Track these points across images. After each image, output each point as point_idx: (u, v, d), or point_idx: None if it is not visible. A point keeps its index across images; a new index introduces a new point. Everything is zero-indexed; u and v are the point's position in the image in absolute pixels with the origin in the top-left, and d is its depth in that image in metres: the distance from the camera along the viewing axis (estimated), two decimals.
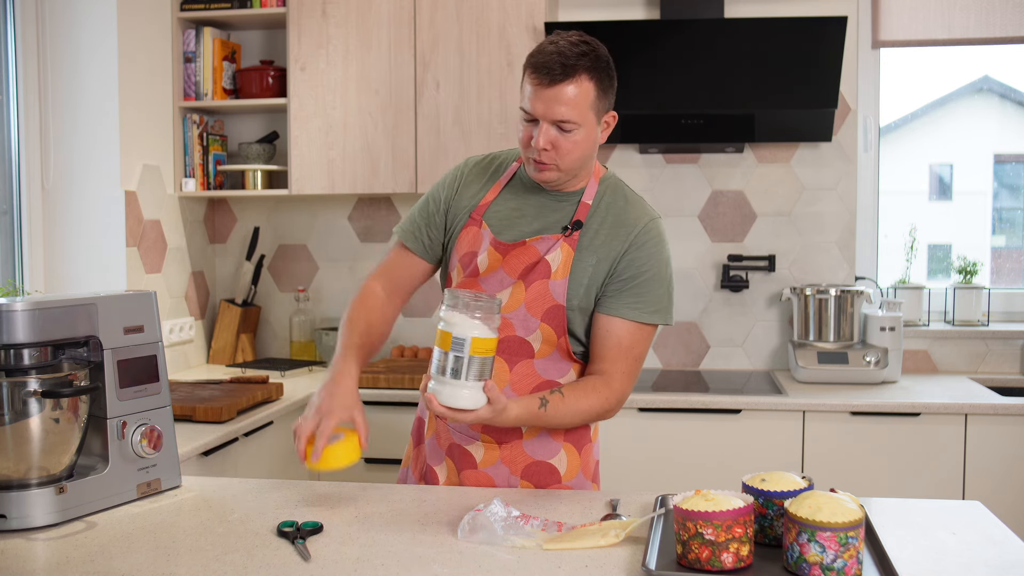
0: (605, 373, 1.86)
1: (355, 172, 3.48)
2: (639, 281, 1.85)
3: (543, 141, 1.78)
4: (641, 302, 1.85)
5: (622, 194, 1.92)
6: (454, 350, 1.60)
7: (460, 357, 1.60)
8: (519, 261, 1.86)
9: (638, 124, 3.43)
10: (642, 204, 1.92)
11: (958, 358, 3.54)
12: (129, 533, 1.60)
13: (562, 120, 1.76)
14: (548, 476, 1.91)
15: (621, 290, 1.85)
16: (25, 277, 3.19)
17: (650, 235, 1.87)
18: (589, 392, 1.84)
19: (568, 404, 1.81)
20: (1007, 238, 3.78)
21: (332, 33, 3.47)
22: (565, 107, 1.75)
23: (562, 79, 1.75)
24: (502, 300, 1.67)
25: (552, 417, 1.80)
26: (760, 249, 3.63)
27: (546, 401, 1.79)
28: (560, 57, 1.75)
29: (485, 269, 1.88)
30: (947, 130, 3.83)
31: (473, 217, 1.92)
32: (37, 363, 1.67)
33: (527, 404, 1.77)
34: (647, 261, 1.86)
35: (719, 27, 3.36)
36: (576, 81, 1.75)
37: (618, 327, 1.86)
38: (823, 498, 1.37)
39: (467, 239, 1.92)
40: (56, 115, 3.20)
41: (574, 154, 1.81)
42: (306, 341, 3.80)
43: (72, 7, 3.17)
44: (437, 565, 1.44)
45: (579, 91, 1.76)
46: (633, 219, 1.88)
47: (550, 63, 1.75)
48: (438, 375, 1.63)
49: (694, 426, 3.08)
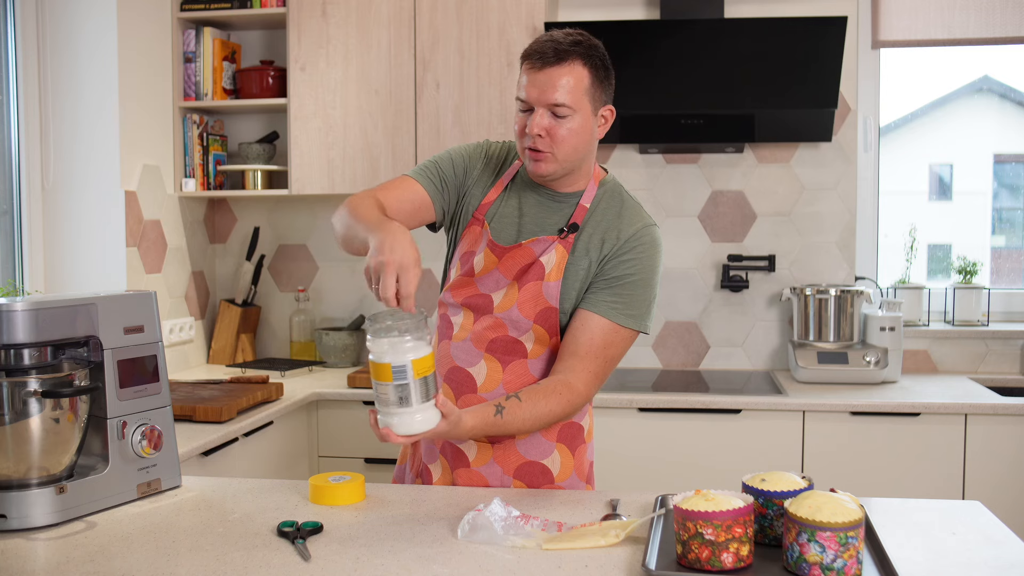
0: (571, 371, 1.81)
1: (355, 172, 3.48)
2: (625, 282, 1.84)
3: (537, 127, 1.77)
4: (622, 303, 1.83)
5: (620, 199, 1.92)
6: (396, 379, 1.51)
7: (405, 384, 1.52)
8: (515, 263, 1.86)
9: (638, 124, 3.43)
10: (639, 210, 1.91)
11: (958, 358, 3.54)
12: (129, 533, 1.60)
13: (556, 104, 1.76)
14: (541, 476, 1.91)
15: (604, 288, 1.84)
16: (25, 277, 3.19)
17: (643, 240, 1.86)
18: (549, 395, 1.78)
19: (526, 409, 1.75)
20: (1007, 238, 3.78)
21: (332, 33, 3.47)
22: (559, 91, 1.75)
23: (555, 62, 1.76)
24: (425, 312, 1.59)
25: (510, 423, 1.75)
26: (760, 249, 3.63)
27: (502, 408, 1.74)
28: (553, 43, 1.77)
29: (481, 270, 1.88)
30: (947, 130, 3.83)
31: (476, 216, 1.92)
32: (37, 363, 1.67)
33: (482, 413, 1.71)
34: (635, 264, 1.85)
35: (719, 27, 3.36)
36: (569, 65, 1.76)
37: (595, 323, 1.83)
38: (823, 498, 1.37)
39: (469, 239, 1.92)
40: (56, 115, 3.20)
41: (569, 142, 1.79)
42: (306, 341, 3.80)
43: (72, 7, 3.17)
44: (437, 565, 1.44)
45: (572, 76, 1.76)
46: (628, 224, 1.87)
47: (543, 48, 1.77)
48: (384, 407, 1.55)
49: (694, 426, 3.08)
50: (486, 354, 1.87)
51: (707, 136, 3.39)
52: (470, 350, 1.88)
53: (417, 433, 1.56)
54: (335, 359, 3.70)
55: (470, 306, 1.89)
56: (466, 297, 1.89)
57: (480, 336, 1.88)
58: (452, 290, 1.91)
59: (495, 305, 1.86)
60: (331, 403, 3.27)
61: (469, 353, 1.88)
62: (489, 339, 1.87)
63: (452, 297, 1.91)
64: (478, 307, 1.88)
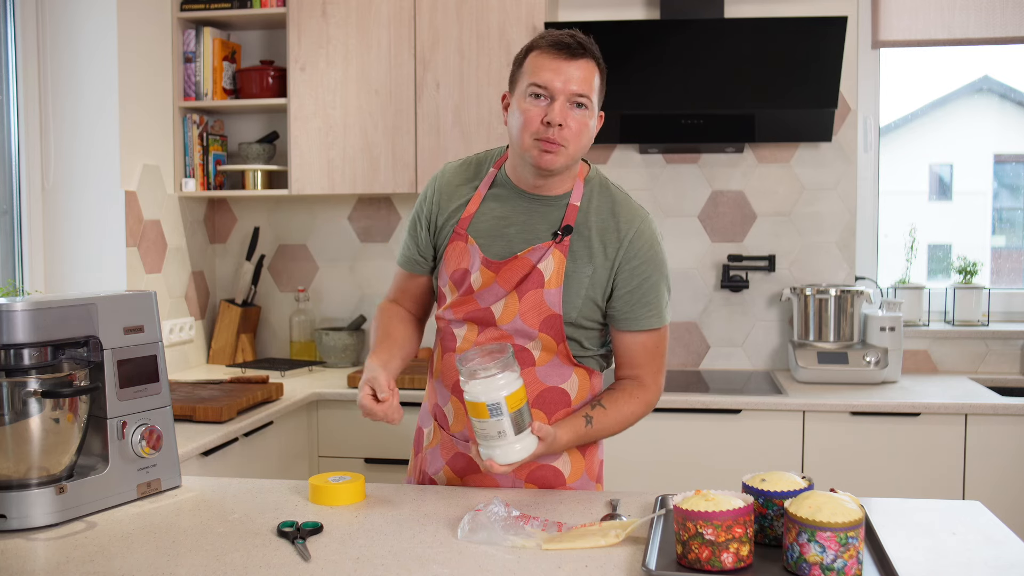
0: (637, 378, 1.91)
1: (355, 172, 3.48)
2: (645, 289, 1.85)
3: (559, 116, 1.75)
4: (653, 309, 1.88)
5: (609, 194, 1.89)
6: (493, 416, 1.63)
7: (501, 419, 1.63)
8: (513, 274, 1.83)
9: (638, 124, 3.43)
10: (629, 203, 1.89)
11: (958, 358, 3.54)
12: (129, 533, 1.60)
13: (579, 94, 1.76)
14: (553, 479, 1.91)
15: (632, 303, 1.85)
16: (25, 277, 3.20)
17: (644, 238, 1.86)
18: (629, 399, 1.89)
19: (611, 415, 1.87)
20: (1007, 238, 3.78)
21: (332, 33, 3.47)
22: (583, 83, 1.76)
23: (581, 55, 1.77)
24: (511, 347, 1.68)
25: (599, 431, 1.87)
26: (760, 249, 3.63)
27: (590, 418, 1.85)
28: (573, 38, 1.78)
29: (479, 287, 1.86)
30: (947, 130, 3.83)
31: (458, 232, 1.88)
32: (37, 363, 1.67)
33: (573, 426, 1.83)
34: (647, 266, 1.85)
35: (719, 27, 3.36)
36: (588, 61, 1.78)
37: (642, 339, 1.89)
38: (823, 498, 1.37)
39: (455, 255, 1.88)
40: (56, 115, 3.20)
41: (584, 137, 1.79)
42: (306, 341, 3.80)
43: (72, 7, 3.17)
44: (437, 565, 1.44)
45: (591, 72, 1.79)
46: (625, 223, 1.85)
47: (566, 40, 1.77)
48: (486, 441, 1.66)
49: (694, 426, 3.08)
50: None
51: (707, 136, 3.39)
52: None
53: (518, 461, 1.68)
54: (335, 359, 3.70)
55: (472, 320, 1.87)
56: (467, 312, 1.87)
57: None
58: (452, 308, 1.89)
59: (497, 318, 1.84)
60: (331, 403, 3.27)
61: None
62: None
63: (453, 314, 1.89)
64: (480, 320, 1.86)
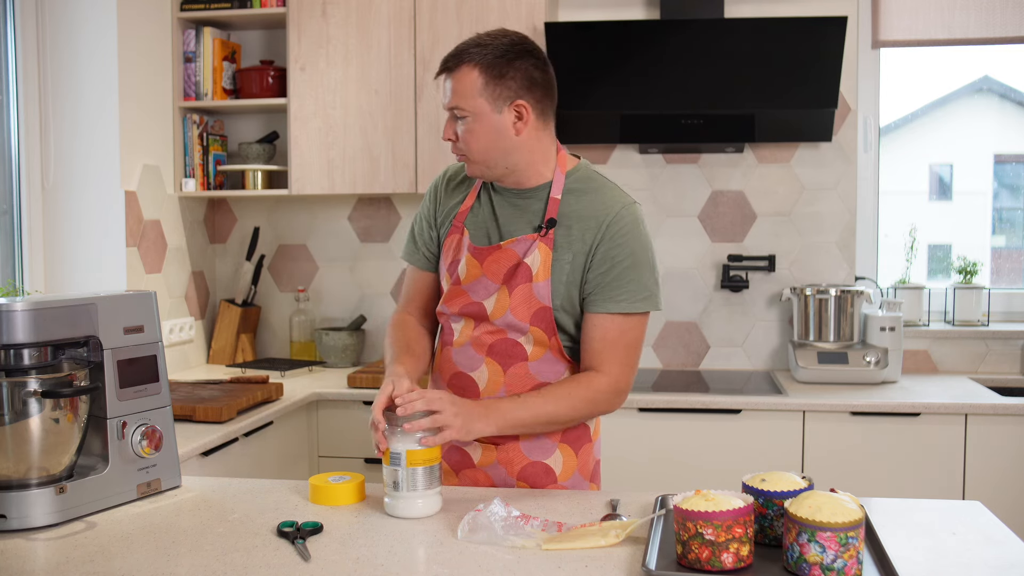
0: (594, 367, 1.86)
1: (355, 172, 3.48)
2: (617, 272, 1.83)
3: (446, 132, 1.86)
4: (622, 292, 1.83)
5: (593, 184, 1.89)
6: (393, 463, 1.66)
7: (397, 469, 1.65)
8: (499, 265, 1.86)
9: (638, 124, 3.43)
10: (614, 191, 1.89)
11: (958, 358, 3.54)
12: (129, 533, 1.60)
13: (453, 107, 1.84)
14: (544, 477, 1.91)
15: (600, 284, 1.84)
16: (25, 277, 3.19)
17: (623, 222, 1.84)
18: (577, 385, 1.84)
19: (551, 393, 1.82)
20: (1007, 238, 3.78)
21: (332, 33, 3.47)
22: (454, 96, 1.83)
23: (455, 66, 1.83)
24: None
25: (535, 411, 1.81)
26: (760, 249, 3.63)
27: (521, 395, 1.83)
28: (454, 51, 1.85)
29: (466, 276, 1.89)
30: (947, 130, 3.83)
31: (455, 224, 1.95)
32: (37, 363, 1.66)
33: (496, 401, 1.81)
34: (622, 249, 1.83)
35: (719, 27, 3.36)
36: (459, 71, 1.82)
37: (602, 321, 1.85)
38: (823, 498, 1.37)
39: (451, 247, 1.95)
40: (56, 115, 3.20)
41: (475, 143, 1.83)
42: (306, 341, 3.80)
43: (72, 7, 3.17)
44: (437, 565, 1.44)
45: (463, 80, 1.82)
46: (604, 209, 1.85)
47: (446, 58, 1.85)
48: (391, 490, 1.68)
49: (694, 426, 3.08)
50: (487, 358, 1.89)
51: (707, 136, 3.39)
52: (471, 355, 1.91)
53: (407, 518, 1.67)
54: (335, 359, 3.70)
55: (467, 315, 1.91)
56: (461, 307, 1.91)
57: (480, 341, 1.90)
58: (446, 301, 1.95)
59: (489, 312, 1.88)
60: (331, 403, 3.27)
61: (470, 358, 1.91)
62: (489, 343, 1.89)
63: (448, 308, 1.94)
64: (474, 315, 1.90)
